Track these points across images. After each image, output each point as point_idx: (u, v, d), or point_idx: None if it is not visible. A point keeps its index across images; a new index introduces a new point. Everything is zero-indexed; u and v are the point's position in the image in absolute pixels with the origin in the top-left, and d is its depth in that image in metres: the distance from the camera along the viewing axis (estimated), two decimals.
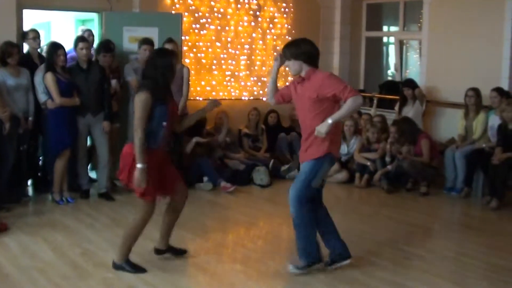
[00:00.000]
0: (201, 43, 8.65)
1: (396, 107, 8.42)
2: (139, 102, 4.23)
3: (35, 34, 6.68)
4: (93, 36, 7.43)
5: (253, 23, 9.11)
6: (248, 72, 9.04)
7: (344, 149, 8.13)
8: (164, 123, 4.32)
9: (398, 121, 7.83)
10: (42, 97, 6.36)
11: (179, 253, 4.87)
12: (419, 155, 7.46)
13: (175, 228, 5.47)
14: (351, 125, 8.09)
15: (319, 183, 4.51)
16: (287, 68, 4.68)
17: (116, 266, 4.51)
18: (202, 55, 8.68)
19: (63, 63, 6.35)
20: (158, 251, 4.81)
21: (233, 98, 9.00)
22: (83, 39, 6.63)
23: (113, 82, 6.92)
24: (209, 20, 8.69)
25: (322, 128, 4.32)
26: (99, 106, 6.60)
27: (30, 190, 6.89)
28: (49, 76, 6.23)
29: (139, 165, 4.18)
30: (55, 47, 6.36)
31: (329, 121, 4.31)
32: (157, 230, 5.39)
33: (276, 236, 5.77)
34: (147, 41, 7.00)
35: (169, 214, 4.70)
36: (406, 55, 10.33)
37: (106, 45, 6.95)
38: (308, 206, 4.47)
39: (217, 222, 6.10)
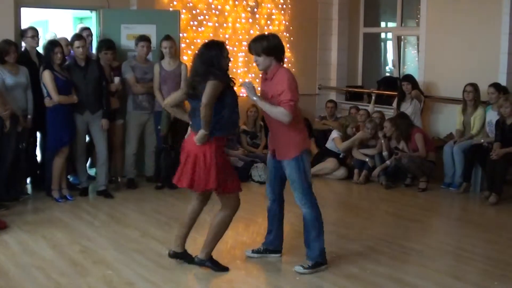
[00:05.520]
0: (199, 40, 8.63)
1: (394, 103, 8.42)
2: (211, 87, 4.20)
3: (34, 33, 6.64)
4: (91, 36, 7.40)
5: (250, 20, 9.11)
6: (246, 69, 9.02)
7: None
8: (237, 109, 4.38)
9: (394, 116, 7.84)
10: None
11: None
12: (415, 150, 7.48)
13: (173, 225, 5.47)
14: None
15: (310, 176, 4.53)
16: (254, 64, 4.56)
17: (201, 262, 4.50)
18: None
19: (60, 60, 6.34)
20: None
21: None
22: (79, 37, 6.59)
23: (116, 79, 6.86)
24: (206, 17, 8.69)
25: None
26: (98, 104, 6.58)
27: (29, 188, 6.88)
28: (47, 74, 6.23)
29: (204, 131, 4.20)
30: (52, 44, 6.33)
31: (255, 98, 4.47)
32: (156, 229, 5.42)
33: None
34: (143, 38, 7.02)
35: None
36: (404, 51, 10.32)
37: (108, 43, 6.95)
38: (316, 199, 4.50)
39: None
